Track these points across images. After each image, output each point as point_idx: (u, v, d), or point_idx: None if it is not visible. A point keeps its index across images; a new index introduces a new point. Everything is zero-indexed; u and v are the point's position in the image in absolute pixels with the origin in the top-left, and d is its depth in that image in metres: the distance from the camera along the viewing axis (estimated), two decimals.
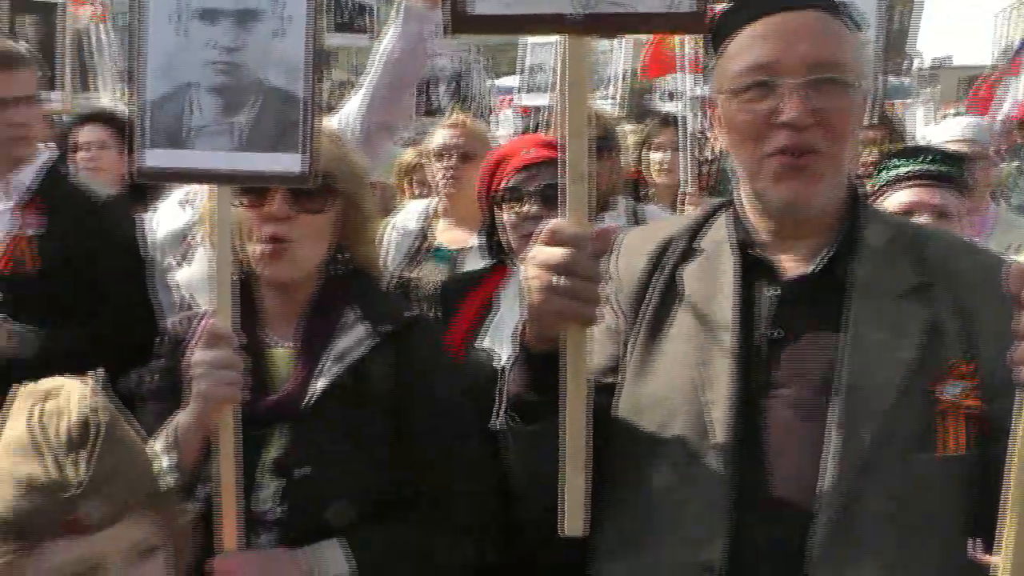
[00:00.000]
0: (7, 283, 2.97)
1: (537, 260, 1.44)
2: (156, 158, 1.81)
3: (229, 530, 1.79)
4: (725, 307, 1.61)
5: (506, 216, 2.55)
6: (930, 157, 2.61)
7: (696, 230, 1.72)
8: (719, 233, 1.69)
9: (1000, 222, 3.92)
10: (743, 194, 1.67)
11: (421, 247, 3.51)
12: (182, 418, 1.79)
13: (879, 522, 1.49)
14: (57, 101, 4.53)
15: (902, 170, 2.61)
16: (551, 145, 2.69)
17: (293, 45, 1.75)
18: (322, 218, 1.95)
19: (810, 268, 1.60)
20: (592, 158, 1.46)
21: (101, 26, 6.59)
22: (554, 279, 1.41)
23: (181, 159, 1.80)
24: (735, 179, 1.72)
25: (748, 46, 1.58)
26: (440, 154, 3.65)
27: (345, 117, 2.94)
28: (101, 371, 1.48)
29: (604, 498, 1.61)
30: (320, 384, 1.90)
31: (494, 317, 2.55)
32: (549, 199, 2.42)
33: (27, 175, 3.05)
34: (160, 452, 1.77)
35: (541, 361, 1.52)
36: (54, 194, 3.06)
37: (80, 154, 4.03)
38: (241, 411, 1.79)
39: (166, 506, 1.49)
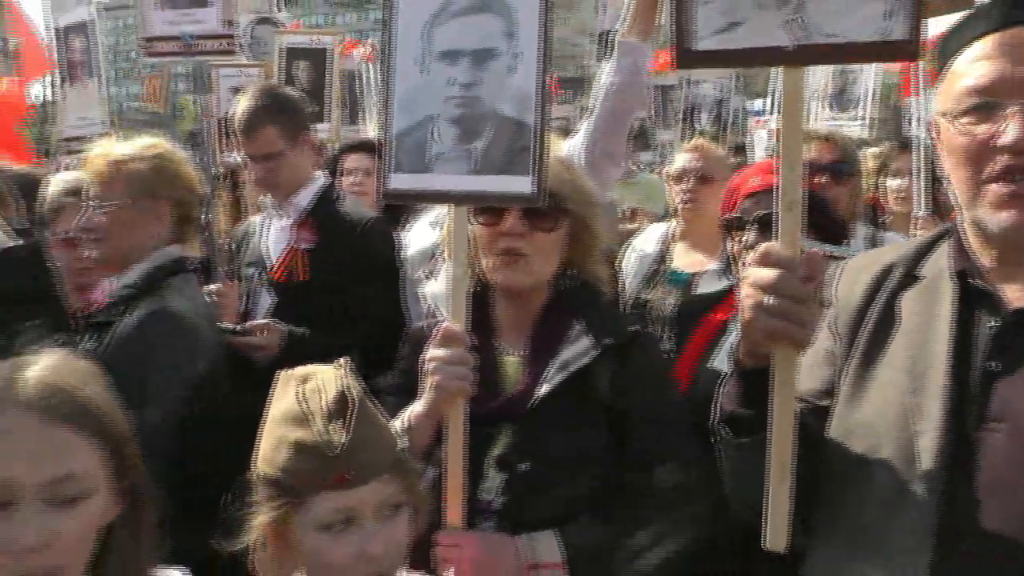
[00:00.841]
0: (281, 290, 3.40)
1: (749, 280, 1.52)
2: (400, 181, 2.04)
3: (454, 509, 1.97)
4: (941, 337, 1.56)
5: (733, 243, 2.62)
6: None
7: (918, 257, 1.69)
8: (941, 261, 1.65)
9: None
10: (964, 221, 1.62)
11: (659, 270, 3.59)
12: (416, 407, 2.00)
13: None
14: (325, 131, 5.01)
15: None
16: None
17: (524, 79, 1.92)
18: (553, 236, 2.12)
19: None
20: (804, 186, 1.51)
21: (370, 65, 7.17)
22: (765, 299, 1.48)
23: (423, 182, 2.02)
24: (956, 205, 1.65)
25: (971, 65, 1.53)
26: (679, 177, 3.74)
27: (571, 147, 3.11)
28: (348, 359, 1.74)
29: (814, 520, 1.64)
30: (544, 389, 2.05)
31: (726, 339, 2.63)
32: (767, 226, 2.46)
33: (304, 197, 3.49)
34: None
35: (753, 377, 1.57)
36: (325, 215, 3.47)
37: (346, 179, 4.45)
38: (472, 410, 1.97)
39: (408, 472, 1.72)
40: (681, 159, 3.82)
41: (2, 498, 1.36)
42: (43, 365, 1.47)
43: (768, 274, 1.48)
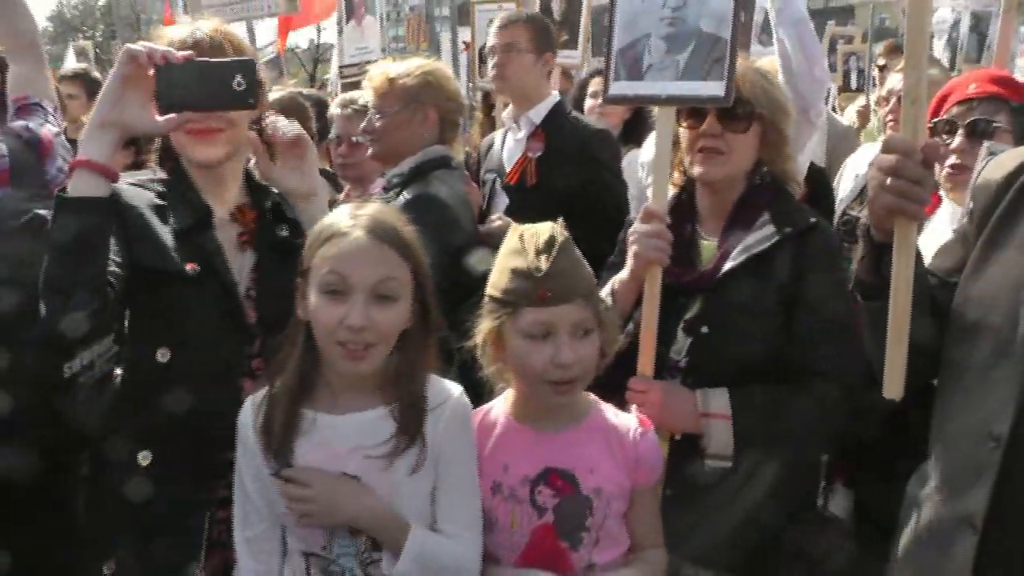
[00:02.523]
0: (513, 192, 3.90)
1: (875, 164, 1.83)
2: (619, 88, 2.46)
3: (646, 360, 2.35)
4: None
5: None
6: None
7: None
8: None
9: None
10: None
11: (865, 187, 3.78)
12: (621, 274, 2.41)
13: None
14: (575, 58, 5.46)
15: None
16: (1003, 81, 2.81)
17: (723, 1, 2.28)
18: (745, 136, 2.41)
19: None
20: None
21: None
22: (886, 180, 1.78)
23: (637, 88, 2.42)
24: None
25: None
26: (887, 99, 3.89)
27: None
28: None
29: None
30: (728, 266, 2.37)
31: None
32: (975, 134, 2.64)
33: (538, 112, 3.95)
34: (604, 296, 2.40)
35: (881, 250, 1.88)
36: (554, 126, 3.91)
37: (590, 101, 4.90)
38: (670, 282, 2.34)
39: (600, 306, 2.10)
40: (891, 80, 3.90)
41: (342, 288, 1.90)
42: (373, 207, 2.02)
43: (890, 159, 1.77)
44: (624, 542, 2.13)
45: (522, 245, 2.04)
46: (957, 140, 2.67)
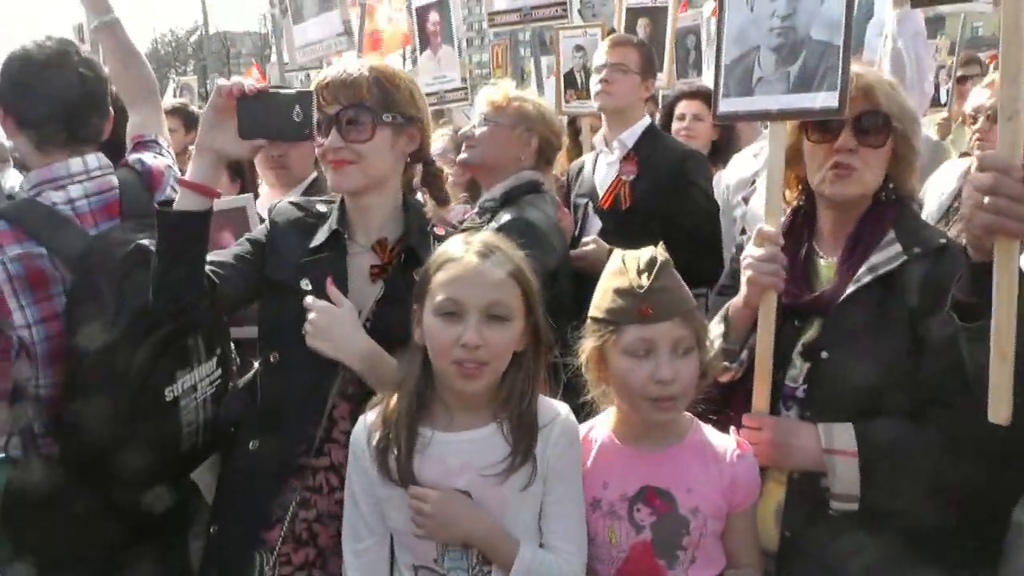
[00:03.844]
0: (607, 216, 3.84)
1: (972, 183, 1.76)
2: (729, 104, 2.36)
3: (761, 393, 2.24)
4: None
5: None
6: None
7: None
8: None
9: None
10: None
11: (954, 205, 3.59)
12: (736, 299, 2.30)
13: None
14: (660, 81, 5.40)
15: None
16: None
17: (835, 6, 2.16)
18: (880, 151, 2.28)
19: None
20: None
21: (712, 20, 7.44)
22: (982, 199, 1.72)
23: (747, 104, 2.32)
24: None
25: None
26: (974, 117, 3.70)
27: None
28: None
29: None
30: (852, 288, 2.22)
31: None
32: None
33: (630, 136, 3.89)
34: (716, 323, 2.32)
35: (979, 269, 1.79)
36: (647, 149, 3.85)
37: (677, 124, 4.84)
38: (785, 304, 2.24)
39: (700, 326, 2.13)
40: (976, 96, 3.71)
41: (457, 310, 1.99)
42: (484, 235, 2.13)
43: (987, 177, 1.71)
44: (720, 562, 2.16)
45: (624, 266, 2.11)
46: None
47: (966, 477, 2.11)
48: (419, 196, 2.57)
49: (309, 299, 2.26)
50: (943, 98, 9.05)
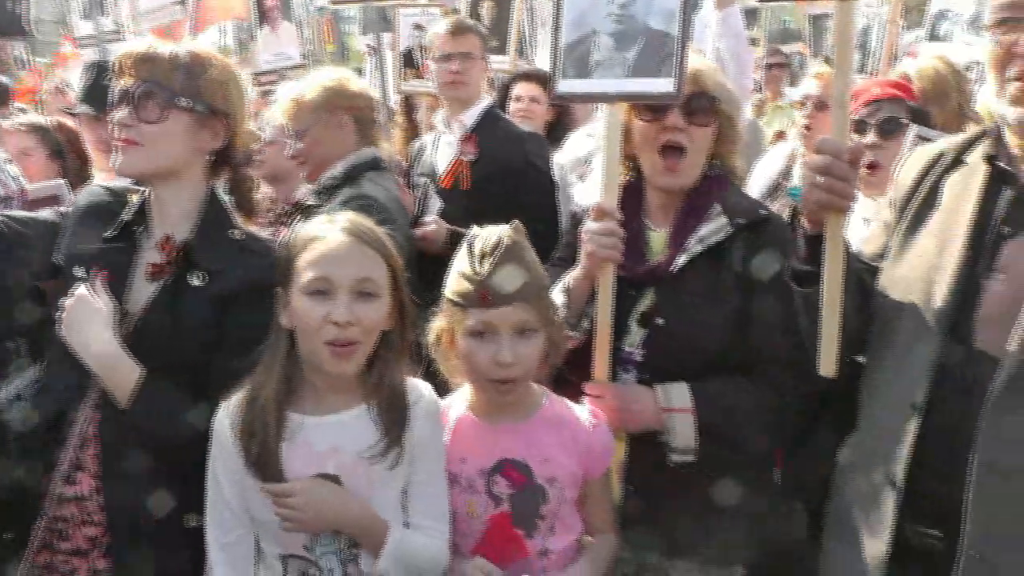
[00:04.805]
0: (447, 196, 3.88)
1: (807, 164, 1.97)
2: (567, 86, 2.46)
3: (601, 359, 2.35)
4: (969, 207, 1.94)
5: None
6: None
7: (966, 146, 2.04)
8: (983, 149, 1.99)
9: None
10: (998, 113, 1.95)
11: (780, 184, 3.90)
12: (575, 271, 2.40)
13: None
14: (505, 63, 5.50)
15: None
16: (899, 85, 3.03)
17: None
18: (707, 131, 2.44)
19: None
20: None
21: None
22: (817, 178, 1.91)
23: (585, 86, 2.42)
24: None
25: None
26: (802, 103, 4.01)
27: None
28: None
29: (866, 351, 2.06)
30: (683, 258, 2.37)
31: None
32: (886, 131, 2.82)
33: (470, 116, 3.96)
34: (557, 293, 2.41)
35: (815, 240, 1.99)
36: (487, 131, 3.93)
37: (514, 105, 4.90)
38: (621, 275, 2.35)
39: (547, 307, 2.19)
40: (805, 85, 4.04)
41: (326, 288, 1.99)
42: (349, 213, 2.15)
43: (820, 159, 1.91)
44: (577, 528, 2.24)
45: (471, 249, 2.14)
46: (870, 138, 2.86)
47: (792, 426, 2.37)
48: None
49: (80, 288, 2.15)
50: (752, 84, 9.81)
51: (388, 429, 2.04)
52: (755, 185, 4.06)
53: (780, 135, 6.32)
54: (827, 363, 2.00)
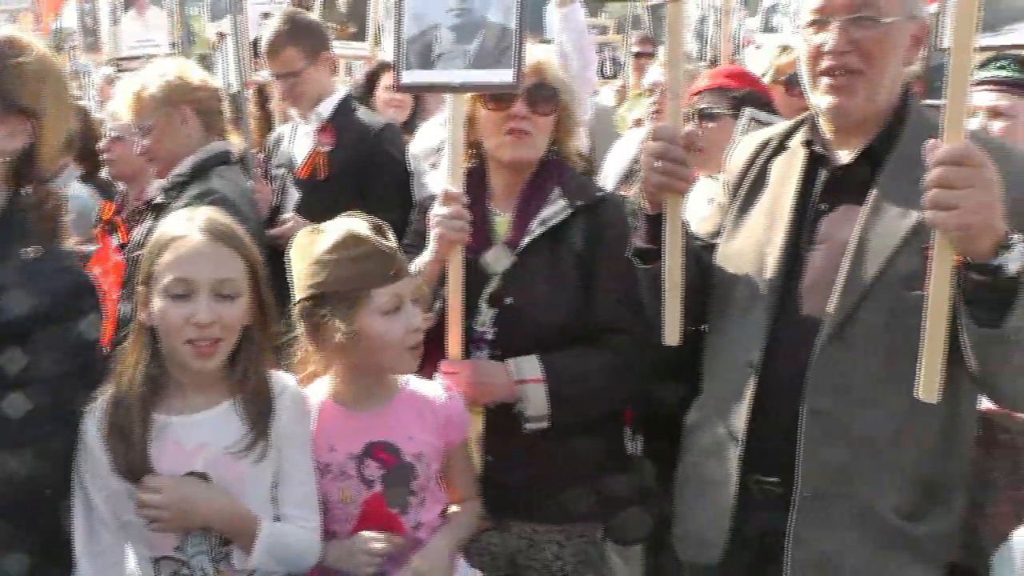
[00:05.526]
0: (304, 187, 3.92)
1: (645, 150, 2.11)
2: (411, 76, 2.55)
3: (455, 339, 2.46)
4: (792, 187, 2.15)
5: None
6: (1002, 63, 2.88)
7: (789, 133, 2.25)
8: (802, 134, 2.21)
9: None
10: (812, 103, 2.15)
11: (633, 170, 4.09)
12: (425, 255, 2.50)
13: (873, 333, 1.97)
14: (365, 50, 5.48)
15: (977, 75, 2.89)
16: (731, 75, 3.25)
17: None
18: (549, 119, 2.58)
19: (851, 158, 2.09)
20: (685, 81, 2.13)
21: None
22: (654, 162, 2.07)
23: (428, 76, 2.52)
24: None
25: None
26: (651, 90, 4.23)
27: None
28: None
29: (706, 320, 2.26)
30: (527, 240, 2.52)
31: None
32: (706, 117, 3.05)
33: (326, 106, 3.99)
34: None
35: (655, 221, 2.14)
36: (343, 121, 3.96)
37: (384, 94, 4.96)
38: (469, 258, 2.47)
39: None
40: (652, 73, 4.28)
41: (187, 290, 1.99)
42: (207, 210, 2.14)
43: (658, 145, 2.07)
44: (443, 498, 2.33)
45: (356, 233, 2.17)
46: (689, 126, 3.03)
47: (636, 391, 2.55)
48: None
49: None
50: (608, 72, 9.97)
51: (254, 423, 2.05)
52: (611, 170, 4.24)
53: (639, 122, 6.56)
54: (671, 333, 2.15)
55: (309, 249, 2.18)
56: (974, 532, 2.49)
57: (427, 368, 2.43)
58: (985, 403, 2.12)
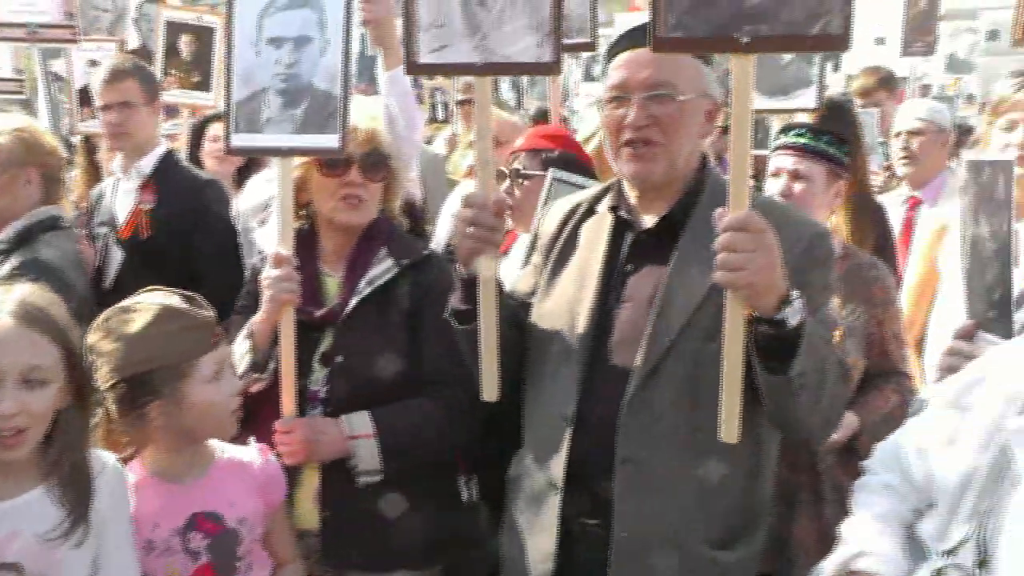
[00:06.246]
0: (127, 246, 3.82)
1: (457, 216, 2.22)
2: (240, 139, 2.60)
3: (288, 401, 2.50)
4: (600, 250, 2.29)
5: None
6: (809, 134, 3.14)
7: (599, 198, 2.40)
8: (609, 199, 2.36)
9: (948, 191, 4.45)
10: (616, 170, 2.32)
11: None
12: (257, 316, 2.55)
13: (678, 383, 2.12)
14: (208, 100, 5.37)
15: (780, 141, 3.18)
16: (544, 136, 3.42)
17: (332, 59, 2.49)
18: (380, 185, 2.69)
19: (654, 223, 2.26)
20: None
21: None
22: (466, 228, 2.17)
23: (257, 140, 2.58)
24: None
25: (613, 71, 2.22)
26: (471, 143, 4.35)
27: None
28: None
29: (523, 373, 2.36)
30: (355, 300, 2.59)
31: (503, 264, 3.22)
32: (521, 177, 3.22)
33: (147, 162, 3.92)
34: (242, 339, 2.55)
35: (469, 283, 2.24)
36: (165, 177, 3.90)
37: (211, 145, 4.90)
38: (301, 319, 2.52)
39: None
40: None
41: None
42: (22, 290, 2.01)
43: (468, 212, 2.17)
44: (267, 562, 2.35)
45: (172, 306, 2.19)
46: (504, 184, 3.22)
47: (466, 441, 2.64)
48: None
49: None
50: (440, 116, 10.13)
51: (71, 508, 1.97)
52: (446, 221, 4.33)
53: (471, 171, 6.68)
54: (489, 390, 2.25)
55: (121, 329, 2.16)
56: (783, 543, 2.75)
57: (262, 429, 2.46)
58: None
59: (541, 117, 5.31)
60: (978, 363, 1.91)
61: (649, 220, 2.27)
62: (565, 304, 2.29)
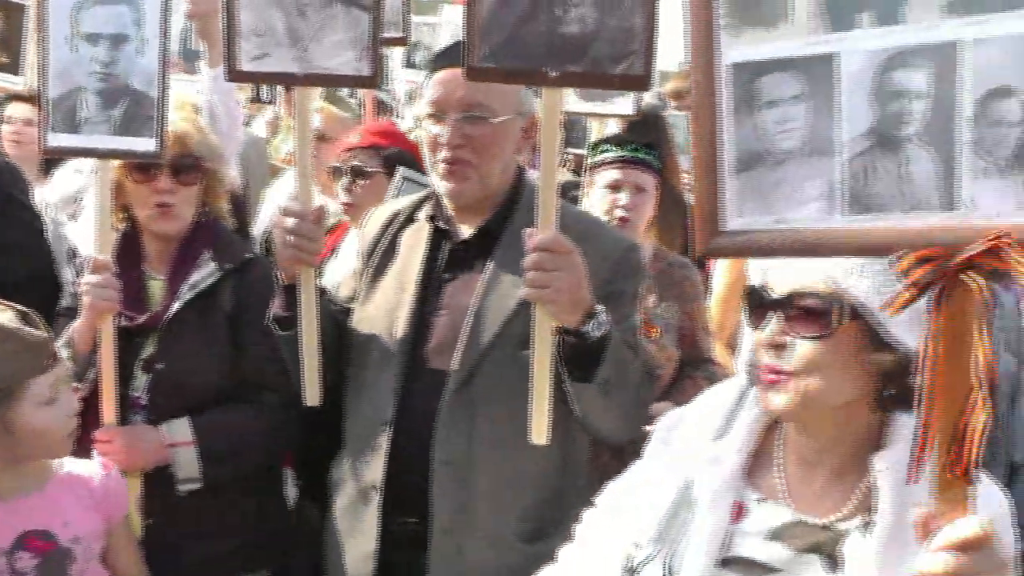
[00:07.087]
0: None
1: (276, 225, 2.26)
2: (57, 139, 2.51)
3: (109, 409, 2.46)
4: (419, 258, 2.37)
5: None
6: (632, 146, 3.31)
7: (417, 206, 2.47)
8: (428, 209, 2.43)
9: None
10: (433, 184, 2.39)
11: None
12: (77, 323, 2.48)
13: (492, 387, 2.21)
14: (17, 83, 4.99)
15: (608, 155, 3.30)
16: (377, 132, 3.44)
17: (149, 60, 2.45)
18: (195, 188, 2.64)
19: (470, 234, 2.33)
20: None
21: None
22: (286, 237, 2.21)
23: (74, 141, 2.50)
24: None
25: (430, 88, 2.28)
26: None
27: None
28: None
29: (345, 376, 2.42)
30: (176, 305, 2.56)
31: (331, 261, 3.28)
32: (359, 175, 3.26)
33: None
34: (62, 346, 2.47)
35: (290, 289, 2.28)
36: None
37: (7, 128, 4.60)
38: (124, 324, 2.49)
39: None
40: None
41: None
42: None
43: (288, 222, 2.22)
44: None
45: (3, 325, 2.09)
46: (343, 181, 3.26)
47: (288, 445, 2.69)
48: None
49: None
50: (265, 96, 9.87)
51: None
52: (269, 210, 4.28)
53: (291, 160, 6.54)
54: (311, 395, 2.30)
55: None
56: None
57: (84, 437, 2.41)
58: None
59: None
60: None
61: (466, 231, 2.36)
62: (384, 310, 2.35)
